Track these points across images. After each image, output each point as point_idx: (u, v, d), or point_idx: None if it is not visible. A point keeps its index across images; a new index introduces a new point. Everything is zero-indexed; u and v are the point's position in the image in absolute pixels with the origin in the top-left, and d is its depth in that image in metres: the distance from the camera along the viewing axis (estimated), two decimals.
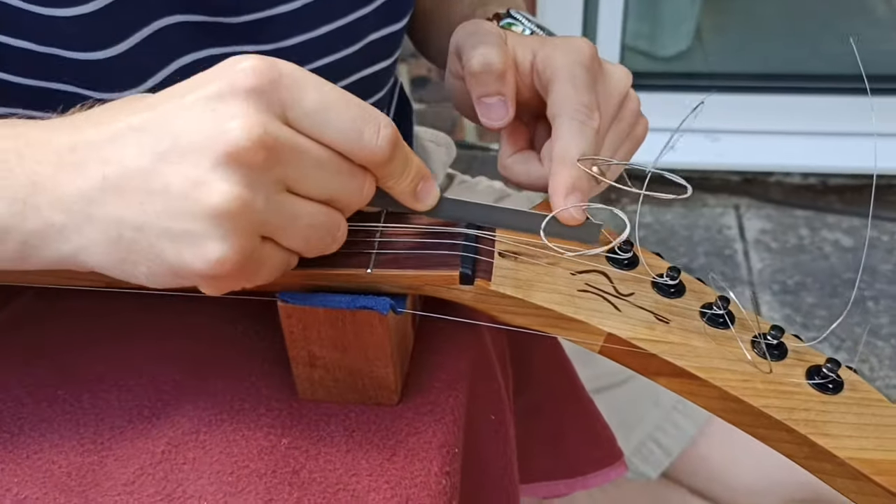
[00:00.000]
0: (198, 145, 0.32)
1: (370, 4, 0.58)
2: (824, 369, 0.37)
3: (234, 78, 0.33)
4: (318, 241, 0.36)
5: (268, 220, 0.34)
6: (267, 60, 0.34)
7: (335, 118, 0.34)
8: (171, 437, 0.40)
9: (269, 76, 0.33)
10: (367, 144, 0.35)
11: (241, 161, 0.32)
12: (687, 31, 1.88)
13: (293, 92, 0.34)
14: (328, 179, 0.35)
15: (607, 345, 0.38)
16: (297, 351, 0.40)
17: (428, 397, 0.41)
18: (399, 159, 0.37)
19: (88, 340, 0.44)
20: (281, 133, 0.33)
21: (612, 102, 0.47)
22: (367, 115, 0.35)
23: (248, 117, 0.32)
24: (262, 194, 0.33)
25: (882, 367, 1.40)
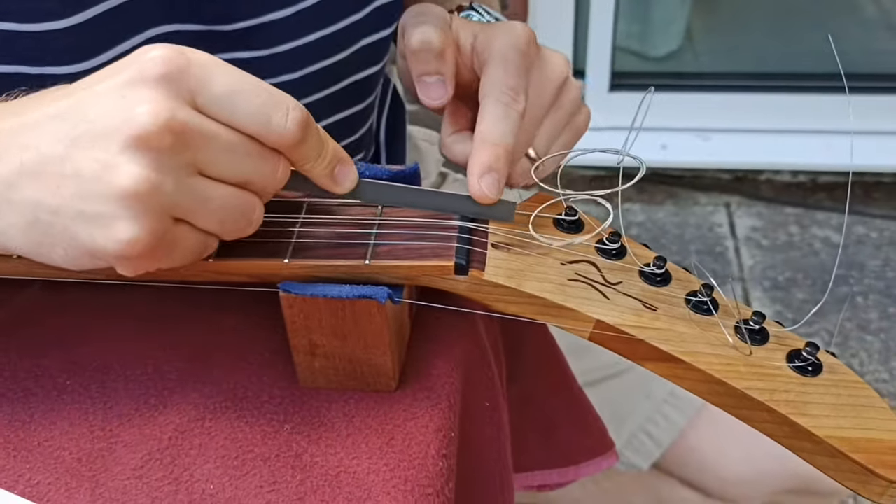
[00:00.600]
0: (107, 130, 0.34)
1: (361, 11, 0.59)
2: (804, 353, 0.39)
3: (143, 66, 0.34)
4: (232, 223, 0.37)
5: (178, 202, 0.35)
6: (176, 49, 0.35)
7: (243, 102, 0.35)
8: (177, 424, 0.41)
9: (178, 63, 0.34)
10: (275, 127, 0.36)
11: (149, 145, 0.33)
12: (677, 32, 1.90)
13: (202, 78, 0.35)
14: (239, 162, 0.36)
15: (596, 331, 0.40)
16: (299, 340, 0.41)
17: (425, 384, 0.43)
18: (311, 142, 0.38)
19: (94, 331, 0.46)
20: (189, 118, 0.34)
21: (549, 88, 0.47)
22: (276, 100, 0.36)
23: (156, 103, 0.34)
24: (172, 177, 0.34)
25: (871, 361, 1.42)
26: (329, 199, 0.44)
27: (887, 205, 1.70)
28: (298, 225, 0.42)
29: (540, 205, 0.44)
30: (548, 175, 0.47)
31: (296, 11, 0.55)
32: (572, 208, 0.44)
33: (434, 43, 0.46)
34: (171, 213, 0.35)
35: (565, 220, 0.44)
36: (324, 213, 0.43)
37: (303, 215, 0.43)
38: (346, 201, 0.44)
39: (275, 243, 0.41)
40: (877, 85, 1.75)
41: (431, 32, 0.46)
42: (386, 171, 0.46)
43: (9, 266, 0.41)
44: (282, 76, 0.57)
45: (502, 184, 0.43)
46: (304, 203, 0.44)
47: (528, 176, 0.46)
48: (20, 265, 0.41)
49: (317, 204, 0.44)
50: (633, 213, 1.69)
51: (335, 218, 0.43)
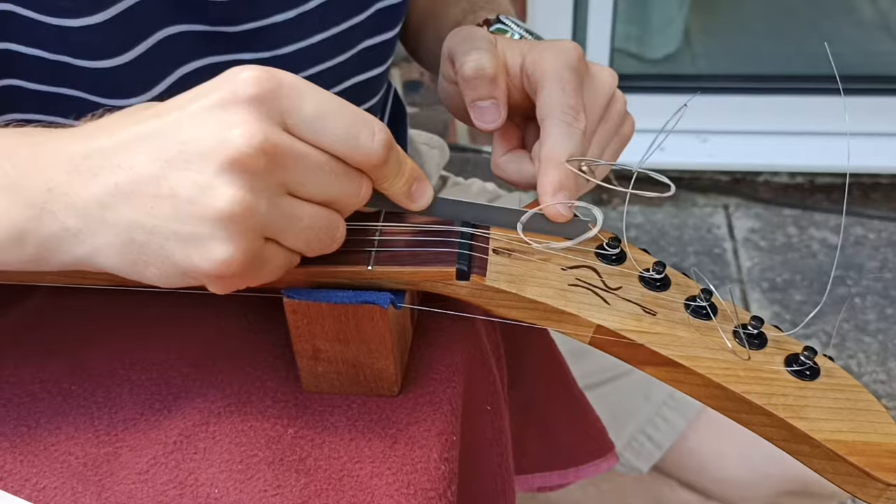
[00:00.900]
0: (203, 152, 0.34)
1: (363, 13, 0.60)
2: (801, 357, 0.39)
3: (235, 87, 0.35)
4: (318, 241, 0.38)
5: (270, 223, 0.36)
6: (267, 70, 0.35)
7: (332, 124, 0.36)
8: (182, 429, 0.41)
9: (269, 86, 0.35)
10: (362, 148, 0.37)
11: (244, 167, 0.34)
12: (675, 34, 1.90)
13: (292, 100, 0.35)
14: (327, 182, 0.37)
15: (597, 336, 0.40)
16: (302, 345, 0.42)
17: (426, 388, 0.43)
18: (393, 162, 0.38)
19: (99, 337, 0.46)
20: (281, 140, 0.35)
21: (599, 103, 0.49)
22: (363, 121, 0.37)
23: (250, 125, 0.34)
24: (265, 198, 0.35)
25: (869, 362, 1.43)
26: None
27: (885, 206, 1.70)
28: None
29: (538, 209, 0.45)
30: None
31: (298, 14, 0.56)
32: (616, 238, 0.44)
33: (487, 69, 0.47)
34: (263, 234, 0.36)
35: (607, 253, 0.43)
36: None
37: None
38: None
39: None
40: (874, 87, 1.75)
41: (485, 59, 0.48)
42: None
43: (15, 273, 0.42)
44: None
45: (573, 204, 0.45)
46: None
47: (583, 186, 0.47)
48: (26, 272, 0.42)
49: None
50: (631, 215, 1.69)
51: None
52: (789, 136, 1.70)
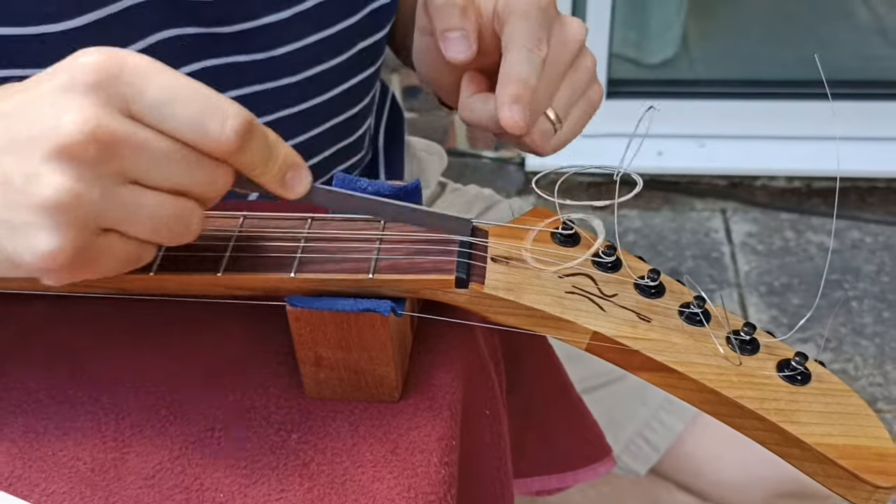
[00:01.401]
0: (32, 138, 0.33)
1: (357, 14, 0.61)
2: (793, 362, 0.40)
3: (74, 72, 0.34)
4: (167, 230, 0.36)
5: (105, 213, 0.34)
6: (110, 53, 0.34)
7: (179, 109, 0.35)
8: (187, 434, 0.42)
9: (110, 70, 0.34)
10: (211, 135, 0.35)
11: (73, 155, 0.33)
12: (673, 39, 1.92)
13: (136, 85, 0.34)
14: (173, 171, 0.35)
15: (593, 342, 0.41)
16: (305, 352, 0.43)
17: (426, 394, 0.44)
18: (255, 150, 0.37)
19: (104, 344, 0.47)
20: (118, 127, 0.34)
21: (568, 48, 0.48)
22: (214, 106, 0.35)
23: (83, 111, 0.33)
24: (98, 187, 0.34)
25: (866, 365, 1.44)
26: (332, 215, 0.46)
27: (881, 210, 1.71)
28: (303, 240, 0.43)
29: (538, 219, 0.46)
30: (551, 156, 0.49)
31: (293, 14, 0.57)
32: (568, 223, 0.45)
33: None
34: (98, 224, 0.35)
35: (562, 234, 0.45)
36: (328, 229, 0.44)
37: (307, 230, 0.44)
38: (350, 216, 0.45)
39: (280, 258, 0.42)
40: (870, 91, 1.77)
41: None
42: (388, 186, 0.47)
43: (17, 282, 0.43)
44: (282, 79, 0.59)
45: (527, 115, 0.44)
46: (308, 218, 0.45)
47: (549, 137, 0.48)
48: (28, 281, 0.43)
49: (321, 219, 0.45)
50: (629, 220, 1.70)
51: (339, 233, 0.44)
52: (786, 141, 1.71)
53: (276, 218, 0.45)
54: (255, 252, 0.43)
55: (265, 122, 0.59)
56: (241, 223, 0.45)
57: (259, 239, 0.44)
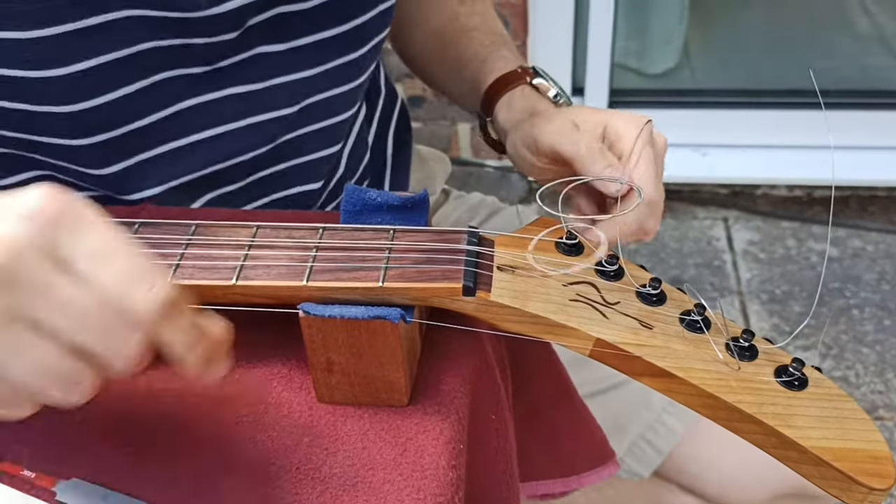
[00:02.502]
0: None
1: (360, 50, 0.62)
2: (790, 368, 0.41)
3: (17, 201, 0.33)
4: (48, 387, 0.34)
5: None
6: (59, 194, 0.34)
7: (114, 265, 0.34)
8: (202, 438, 0.44)
9: (52, 209, 0.33)
10: (136, 295, 0.34)
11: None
12: (675, 49, 1.93)
13: (73, 230, 0.33)
14: (78, 325, 0.33)
15: (596, 349, 0.43)
16: (317, 358, 0.44)
17: (435, 399, 0.45)
18: (177, 326, 0.35)
19: None
20: (32, 264, 0.32)
21: (660, 163, 0.56)
22: (147, 270, 0.34)
23: (4, 237, 0.32)
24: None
25: (867, 373, 1.44)
26: (343, 225, 0.47)
27: (882, 218, 1.72)
28: (315, 249, 0.45)
29: (543, 229, 0.47)
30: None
31: (291, 48, 0.58)
32: (572, 232, 0.46)
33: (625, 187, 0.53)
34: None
35: (566, 243, 0.46)
36: (339, 239, 0.46)
37: (318, 240, 0.45)
38: (359, 227, 0.47)
39: (293, 267, 0.44)
40: (871, 101, 1.78)
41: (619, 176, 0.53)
42: (396, 197, 0.48)
43: None
44: (258, 83, 0.60)
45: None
46: (319, 229, 0.46)
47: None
48: None
49: (332, 229, 0.46)
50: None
51: (350, 242, 0.45)
52: (788, 150, 1.73)
53: (288, 228, 0.46)
54: (269, 261, 0.44)
55: (274, 147, 0.61)
56: (254, 233, 0.46)
57: (272, 248, 0.45)
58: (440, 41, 0.73)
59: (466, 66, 0.68)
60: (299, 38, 0.59)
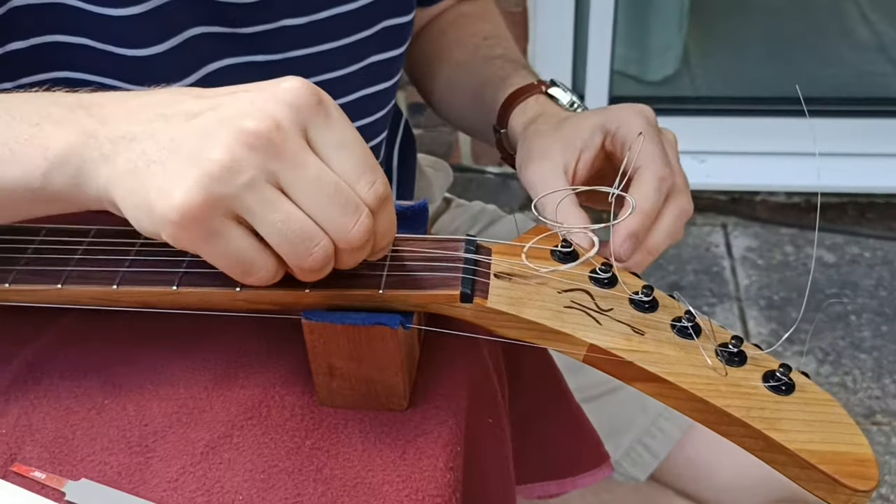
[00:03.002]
0: (229, 116, 0.38)
1: (371, 28, 0.65)
2: (778, 373, 0.43)
3: (276, 90, 0.39)
4: (288, 245, 0.39)
5: (242, 197, 0.38)
6: (312, 86, 0.39)
7: (346, 156, 0.39)
8: (207, 441, 0.45)
9: (307, 99, 0.39)
10: (360, 187, 0.39)
11: (245, 138, 0.37)
12: (674, 57, 1.95)
13: (322, 120, 0.39)
14: (317, 197, 0.39)
15: (590, 354, 0.44)
16: (318, 363, 0.45)
17: (433, 403, 0.47)
18: (383, 220, 0.41)
19: (130, 355, 0.49)
20: (292, 140, 0.38)
21: (674, 155, 0.56)
22: (371, 166, 0.40)
23: (269, 112, 0.38)
24: (249, 173, 0.37)
25: (864, 378, 1.46)
26: None
27: (880, 225, 1.74)
28: None
29: (538, 236, 0.48)
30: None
31: (309, 21, 0.62)
32: (566, 240, 0.48)
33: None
34: (230, 206, 0.38)
35: (560, 251, 0.48)
36: None
37: None
38: None
39: None
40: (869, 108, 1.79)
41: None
42: (397, 205, 0.50)
43: (53, 295, 0.46)
44: None
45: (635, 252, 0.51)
46: None
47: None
48: (63, 295, 0.46)
49: None
50: None
51: None
52: (786, 157, 1.74)
53: None
54: None
55: None
56: None
57: None
58: (463, 72, 0.75)
59: (486, 89, 0.69)
60: (320, 10, 0.62)
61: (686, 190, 0.54)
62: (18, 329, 0.51)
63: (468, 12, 0.80)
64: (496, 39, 0.76)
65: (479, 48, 0.74)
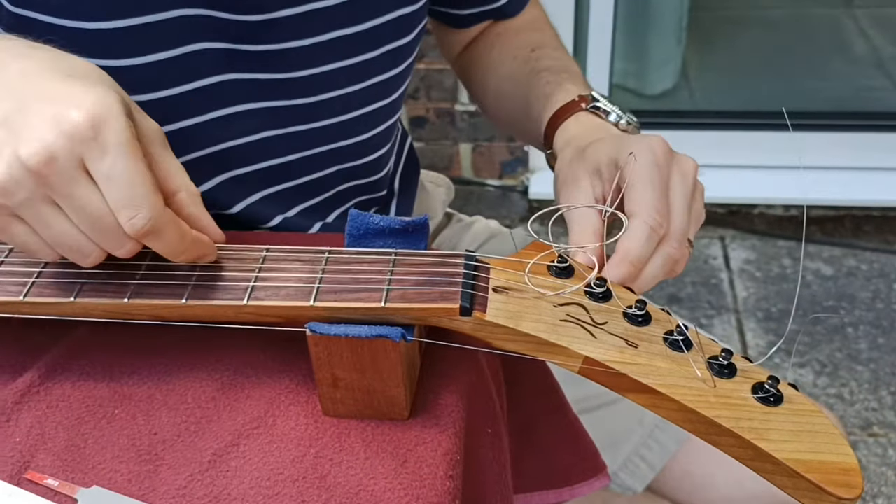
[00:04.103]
0: (13, 137, 0.42)
1: (374, 51, 0.67)
2: (766, 385, 0.44)
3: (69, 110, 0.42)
4: (63, 251, 0.45)
5: (21, 209, 0.43)
6: (99, 115, 0.42)
7: (114, 188, 0.43)
8: (215, 449, 0.46)
9: (87, 128, 0.42)
10: (120, 219, 0.43)
11: (19, 165, 0.42)
12: (673, 71, 1.97)
13: (99, 150, 0.42)
14: (87, 220, 0.43)
15: (585, 366, 0.45)
16: (323, 373, 0.47)
17: (433, 413, 0.48)
18: (164, 241, 0.45)
19: (139, 366, 0.51)
20: (65, 169, 0.42)
21: (688, 182, 0.55)
22: (136, 198, 0.43)
23: (44, 143, 0.42)
24: (23, 194, 0.42)
25: (861, 390, 1.47)
26: (347, 248, 0.50)
27: (877, 238, 1.75)
28: (321, 271, 0.48)
29: (537, 252, 0.50)
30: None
31: (313, 43, 0.64)
32: (563, 257, 0.49)
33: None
34: (13, 211, 0.43)
35: (557, 266, 0.49)
36: (343, 262, 0.49)
37: (324, 263, 0.48)
38: (363, 250, 0.50)
39: (300, 288, 0.47)
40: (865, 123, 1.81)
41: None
42: (398, 221, 0.51)
43: (66, 308, 0.47)
44: (296, 99, 0.66)
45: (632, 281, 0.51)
46: (325, 251, 0.49)
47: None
48: (76, 308, 0.47)
49: (337, 252, 0.49)
50: None
51: (353, 266, 0.48)
52: (783, 171, 1.76)
53: (296, 251, 0.49)
54: (278, 282, 0.47)
55: (280, 133, 0.66)
56: (263, 256, 0.49)
57: (281, 271, 0.48)
58: (511, 84, 0.76)
59: (533, 106, 0.71)
60: (325, 33, 0.64)
61: (679, 235, 0.54)
62: (32, 340, 0.52)
63: (515, 25, 0.81)
64: (543, 50, 0.77)
65: (528, 61, 0.76)
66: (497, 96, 0.79)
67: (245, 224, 0.71)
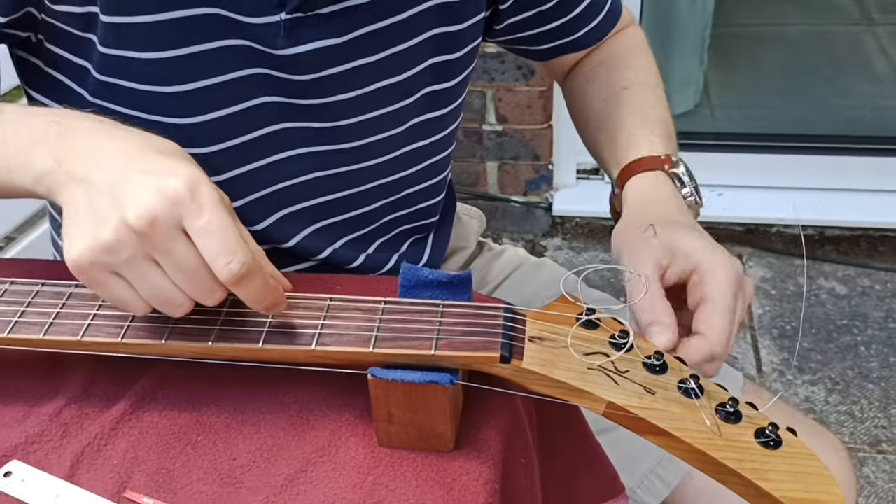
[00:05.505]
0: (120, 203, 0.49)
1: (411, 97, 0.75)
2: (767, 430, 0.50)
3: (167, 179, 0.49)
4: (156, 303, 0.51)
5: (121, 266, 0.49)
6: (192, 180, 0.49)
7: (209, 240, 0.49)
8: (287, 474, 0.54)
9: (184, 193, 0.48)
10: (216, 267, 0.49)
11: (129, 224, 0.48)
12: (694, 92, 2.02)
13: (195, 210, 0.48)
14: (182, 275, 0.49)
15: (608, 410, 0.52)
16: (380, 411, 0.54)
17: (475, 446, 0.55)
18: (249, 289, 0.50)
19: (218, 398, 0.58)
20: (164, 230, 0.48)
21: (745, 308, 0.63)
22: (230, 248, 0.49)
23: (148, 206, 0.48)
24: (127, 252, 0.49)
25: (871, 408, 1.52)
26: (401, 299, 0.57)
27: (891, 258, 1.80)
28: (378, 321, 0.55)
29: (565, 305, 0.57)
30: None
31: (356, 95, 0.72)
32: (591, 309, 0.56)
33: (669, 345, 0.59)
34: (114, 270, 0.50)
35: (587, 318, 0.56)
36: (397, 312, 0.55)
37: (381, 314, 0.55)
38: (414, 300, 0.56)
39: (361, 335, 0.54)
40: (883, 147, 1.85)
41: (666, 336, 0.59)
42: (445, 275, 0.58)
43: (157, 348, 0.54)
44: (345, 143, 0.74)
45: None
46: (381, 302, 0.56)
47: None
48: (167, 349, 0.54)
49: (392, 303, 0.56)
50: None
51: (406, 316, 0.55)
52: (800, 191, 1.81)
53: (356, 300, 0.56)
54: (341, 330, 0.54)
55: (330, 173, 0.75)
56: (328, 305, 0.56)
57: (343, 319, 0.55)
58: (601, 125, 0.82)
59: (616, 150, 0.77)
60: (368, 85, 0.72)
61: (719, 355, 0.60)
62: (123, 373, 0.60)
63: (605, 60, 0.87)
64: (634, 89, 0.83)
65: (619, 101, 0.82)
66: (588, 132, 0.86)
67: (299, 256, 0.78)
